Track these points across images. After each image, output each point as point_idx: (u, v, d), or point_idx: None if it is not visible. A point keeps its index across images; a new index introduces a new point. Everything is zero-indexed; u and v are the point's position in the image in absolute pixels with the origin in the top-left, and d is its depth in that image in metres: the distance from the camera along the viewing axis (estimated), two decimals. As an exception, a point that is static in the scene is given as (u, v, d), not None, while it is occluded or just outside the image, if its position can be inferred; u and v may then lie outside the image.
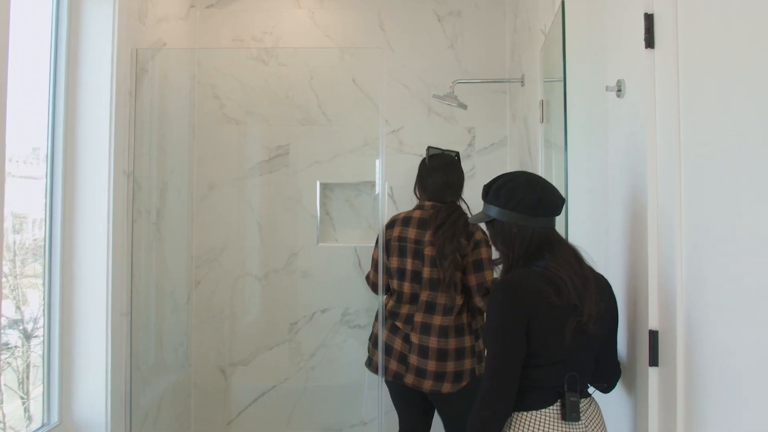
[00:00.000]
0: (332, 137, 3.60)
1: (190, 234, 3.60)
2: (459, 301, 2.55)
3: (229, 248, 3.57)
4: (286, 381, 3.58)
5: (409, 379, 2.58)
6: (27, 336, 2.50)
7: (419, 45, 3.62)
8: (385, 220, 2.81)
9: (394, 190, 3.59)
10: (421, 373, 2.56)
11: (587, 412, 1.69)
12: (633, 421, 1.74)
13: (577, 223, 2.20)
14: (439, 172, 2.70)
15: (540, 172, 2.70)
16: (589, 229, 2.13)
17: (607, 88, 1.85)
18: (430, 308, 2.58)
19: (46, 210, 2.44)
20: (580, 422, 1.65)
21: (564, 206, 1.82)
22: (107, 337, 2.49)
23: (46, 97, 2.44)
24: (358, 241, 3.61)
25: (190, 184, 3.59)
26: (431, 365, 2.54)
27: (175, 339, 3.48)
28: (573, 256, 1.71)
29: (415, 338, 2.58)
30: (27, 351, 2.51)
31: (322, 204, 3.63)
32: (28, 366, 2.51)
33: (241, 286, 3.61)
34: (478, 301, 2.55)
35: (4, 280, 2.48)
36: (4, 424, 2.35)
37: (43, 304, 2.45)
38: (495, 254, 1.96)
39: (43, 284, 2.44)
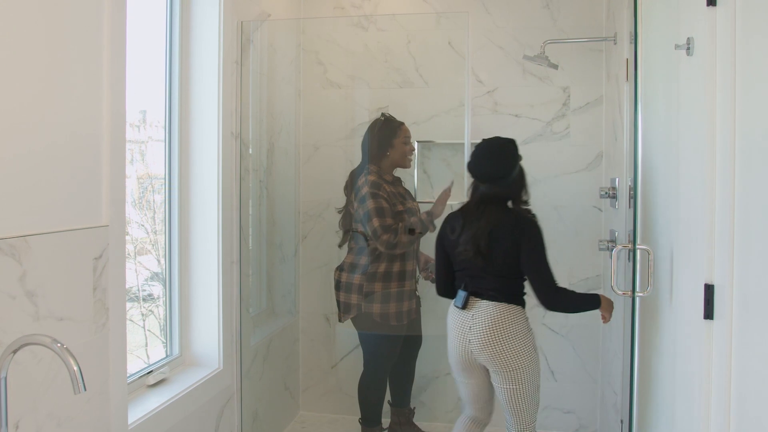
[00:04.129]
0: (429, 99, 3.73)
1: (297, 191, 3.88)
2: (361, 244, 3.19)
3: (333, 205, 3.80)
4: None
5: None
6: (165, 287, 2.80)
7: (514, 6, 3.64)
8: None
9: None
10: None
11: (480, 309, 2.49)
12: (683, 371, 1.80)
13: (658, 179, 2.22)
14: None
15: (625, 129, 2.71)
16: (665, 185, 2.15)
17: (676, 47, 1.85)
18: (348, 250, 3.29)
19: (165, 166, 2.76)
20: (467, 311, 2.52)
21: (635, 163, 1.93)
22: (218, 282, 2.80)
23: (154, 65, 2.72)
24: (455, 198, 3.73)
25: (296, 144, 3.85)
26: (337, 295, 3.27)
27: (284, 288, 3.79)
28: (480, 212, 2.50)
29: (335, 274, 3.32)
30: (165, 301, 2.80)
31: (420, 163, 3.78)
32: (166, 315, 2.81)
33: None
34: (379, 246, 3.12)
35: (146, 236, 2.84)
36: (148, 365, 2.65)
37: (165, 253, 2.79)
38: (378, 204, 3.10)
39: (165, 233, 2.78)
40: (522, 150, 3.56)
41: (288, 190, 3.80)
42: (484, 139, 2.62)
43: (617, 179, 3.00)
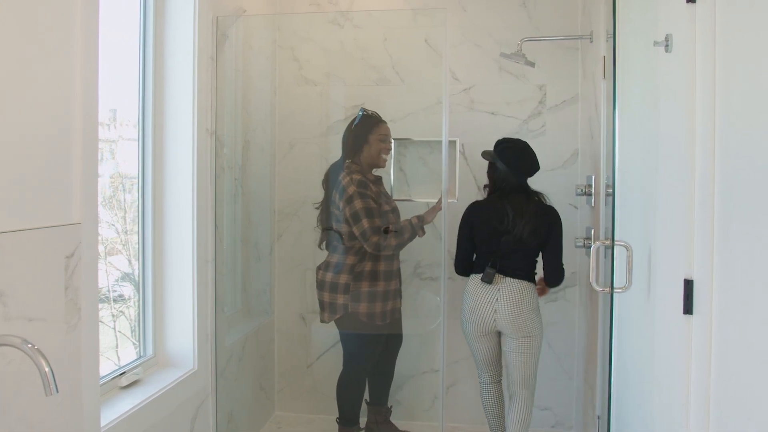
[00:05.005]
0: (406, 96, 3.71)
1: (273, 189, 3.84)
2: (346, 243, 3.13)
3: (308, 203, 3.77)
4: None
5: None
6: (138, 288, 2.74)
7: (491, 3, 3.64)
8: (450, 177, 2.98)
9: (465, 147, 3.68)
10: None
11: (506, 284, 2.95)
12: (662, 366, 1.81)
13: (636, 175, 2.22)
14: None
15: (602, 127, 2.73)
16: (643, 181, 2.15)
17: (655, 43, 1.86)
18: (332, 249, 3.23)
19: (138, 164, 2.71)
20: (493, 286, 2.95)
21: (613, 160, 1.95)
22: (193, 281, 2.75)
23: (125, 63, 2.67)
24: (432, 197, 3.73)
25: (272, 142, 3.81)
26: (321, 295, 3.21)
27: (259, 287, 3.75)
28: (524, 201, 2.96)
29: (318, 273, 3.25)
30: (138, 302, 2.74)
31: (396, 161, 3.76)
32: (139, 315, 2.75)
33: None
34: (366, 247, 3.09)
35: (116, 236, 2.78)
36: (120, 366, 2.59)
37: (138, 252, 2.73)
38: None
39: (138, 232, 2.72)
40: (499, 148, 3.55)
41: (263, 188, 3.76)
42: (507, 140, 3.05)
43: (593, 177, 3.01)
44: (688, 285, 1.61)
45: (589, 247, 3.06)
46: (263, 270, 3.78)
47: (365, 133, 3.19)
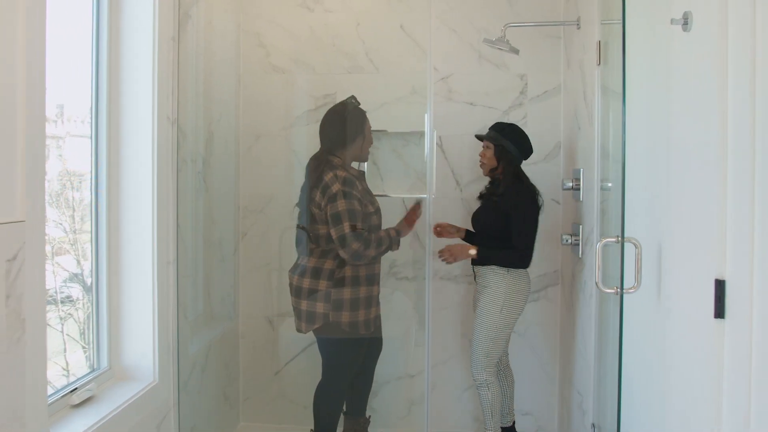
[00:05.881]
0: (379, 85, 3.51)
1: (237, 184, 3.59)
2: (324, 246, 2.82)
3: (275, 199, 3.55)
4: (334, 332, 3.58)
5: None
6: (87, 289, 2.52)
7: (469, -12, 3.48)
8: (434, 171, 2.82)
9: (443, 140, 3.49)
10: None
11: None
12: (696, 373, 1.65)
13: (636, 168, 2.08)
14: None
15: (595, 117, 2.57)
16: (648, 174, 2.00)
17: (672, 21, 1.70)
18: (306, 251, 2.92)
19: (92, 158, 2.44)
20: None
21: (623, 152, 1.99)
22: (153, 284, 2.50)
23: (73, 53, 2.41)
24: (407, 192, 3.54)
25: (236, 133, 3.56)
26: (297, 303, 2.89)
27: (223, 289, 3.50)
28: None
29: (292, 279, 2.93)
30: (87, 303, 2.53)
31: (370, 154, 3.54)
32: (88, 317, 2.53)
33: (287, 237, 3.58)
34: (342, 254, 2.75)
35: (64, 235, 2.51)
36: (68, 371, 2.40)
37: (92, 254, 2.47)
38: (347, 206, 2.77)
39: (91, 232, 2.46)
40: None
41: (227, 182, 3.51)
42: (507, 123, 3.05)
43: (581, 170, 2.86)
44: (720, 286, 1.45)
45: (576, 245, 2.92)
46: (227, 271, 3.53)
47: (361, 125, 2.96)
